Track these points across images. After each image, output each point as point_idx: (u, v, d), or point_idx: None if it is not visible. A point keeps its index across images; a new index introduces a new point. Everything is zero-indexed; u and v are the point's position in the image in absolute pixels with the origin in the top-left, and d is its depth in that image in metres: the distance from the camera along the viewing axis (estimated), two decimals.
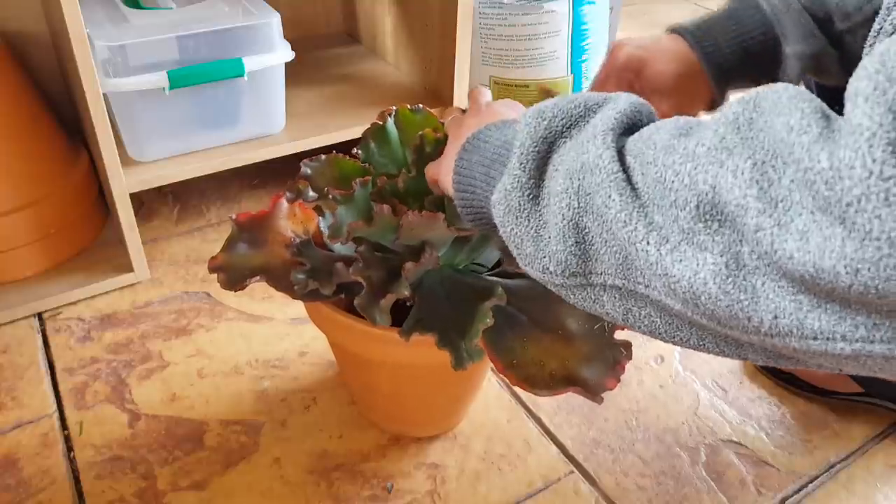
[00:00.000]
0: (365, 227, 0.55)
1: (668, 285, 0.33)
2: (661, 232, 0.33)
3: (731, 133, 0.31)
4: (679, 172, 0.33)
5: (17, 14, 1.06)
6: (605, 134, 0.37)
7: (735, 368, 0.94)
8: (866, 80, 0.27)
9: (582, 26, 1.36)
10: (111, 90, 0.90)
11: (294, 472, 0.78)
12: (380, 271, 0.59)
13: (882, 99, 0.26)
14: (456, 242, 0.62)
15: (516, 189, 0.40)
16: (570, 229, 0.37)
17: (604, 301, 0.39)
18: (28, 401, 0.84)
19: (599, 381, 0.58)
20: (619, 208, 0.35)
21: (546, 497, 0.77)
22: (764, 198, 0.29)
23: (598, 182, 0.36)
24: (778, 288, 0.30)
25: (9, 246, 0.95)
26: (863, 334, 0.28)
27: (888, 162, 0.25)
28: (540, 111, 0.41)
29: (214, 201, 1.21)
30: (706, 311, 0.32)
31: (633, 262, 0.35)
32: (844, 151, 0.26)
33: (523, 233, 0.40)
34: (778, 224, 0.29)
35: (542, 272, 0.40)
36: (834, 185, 0.27)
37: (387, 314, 0.58)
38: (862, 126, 0.26)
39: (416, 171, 0.62)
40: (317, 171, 0.63)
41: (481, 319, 0.57)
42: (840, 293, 0.28)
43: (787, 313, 0.29)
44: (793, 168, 0.29)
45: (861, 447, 0.84)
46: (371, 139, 0.67)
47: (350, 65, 1.31)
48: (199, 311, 0.98)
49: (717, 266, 0.31)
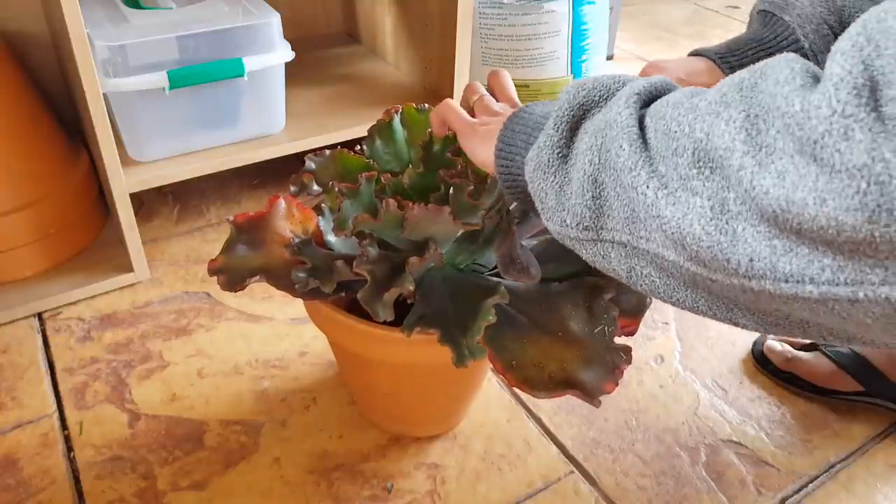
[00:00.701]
0: (371, 221, 0.55)
1: (660, 228, 0.36)
2: (661, 179, 0.36)
3: (733, 91, 0.34)
4: (681, 123, 0.36)
5: (17, 14, 1.06)
6: (629, 97, 0.40)
7: (735, 368, 0.94)
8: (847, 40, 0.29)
9: (582, 26, 1.36)
10: (111, 90, 0.90)
11: (294, 472, 0.78)
12: (383, 266, 0.59)
13: (858, 54, 0.28)
14: (460, 240, 0.62)
15: (548, 147, 0.43)
16: (589, 184, 0.40)
17: (611, 258, 0.41)
18: (28, 401, 0.84)
19: (598, 385, 0.58)
20: (627, 156, 0.38)
21: (546, 497, 0.77)
22: (750, 142, 0.32)
23: (613, 136, 0.39)
24: (756, 233, 0.32)
25: (9, 246, 0.95)
26: (828, 276, 0.30)
27: (850, 102, 0.28)
28: (581, 83, 0.45)
29: (214, 201, 1.21)
30: (691, 253, 0.35)
31: (637, 212, 0.37)
32: (815, 95, 0.29)
33: (548, 187, 0.43)
34: (759, 164, 0.31)
35: (560, 225, 0.43)
36: (804, 125, 0.29)
37: (390, 308, 0.58)
38: (833, 74, 0.29)
39: (424, 168, 0.62)
40: (321, 166, 0.63)
41: (483, 317, 0.57)
42: (806, 228, 0.30)
43: (761, 257, 0.32)
44: (776, 116, 0.31)
45: (861, 447, 0.84)
46: (377, 136, 0.67)
47: (350, 65, 1.31)
48: (199, 311, 0.98)
49: (703, 209, 0.34)
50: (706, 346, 0.97)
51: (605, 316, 0.61)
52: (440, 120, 0.58)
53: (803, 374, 0.89)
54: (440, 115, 0.58)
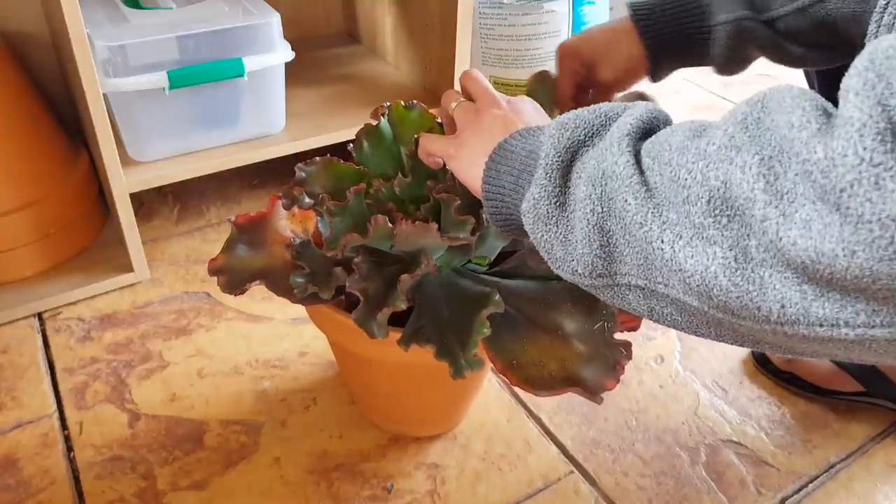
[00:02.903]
0: (360, 239, 0.55)
1: (683, 281, 0.35)
2: (674, 229, 0.35)
3: (740, 132, 0.33)
4: (692, 171, 0.34)
5: (17, 14, 1.06)
6: (622, 140, 0.39)
7: (735, 368, 0.94)
8: (856, 77, 0.29)
9: (582, 26, 1.36)
10: (111, 90, 0.90)
11: (294, 472, 0.78)
12: (377, 282, 0.59)
13: (871, 93, 0.28)
14: (452, 248, 0.62)
15: (544, 198, 0.42)
16: (595, 233, 0.39)
17: (629, 300, 0.41)
18: (28, 401, 0.84)
19: (599, 382, 0.58)
20: (636, 210, 0.37)
21: (546, 497, 0.77)
22: (770, 190, 0.31)
23: (615, 187, 0.38)
24: (784, 279, 0.31)
25: (9, 246, 0.95)
26: (864, 320, 0.30)
27: (877, 150, 0.27)
28: (562, 123, 0.43)
29: (214, 201, 1.21)
30: (719, 303, 0.34)
31: (652, 262, 0.37)
32: (837, 142, 0.28)
33: (552, 238, 0.42)
34: (783, 214, 0.30)
35: (572, 274, 0.42)
36: (829, 174, 0.28)
37: (384, 327, 0.57)
38: (853, 118, 0.28)
39: (412, 176, 0.62)
40: (311, 176, 0.63)
41: (479, 330, 0.57)
42: (839, 278, 0.29)
43: (793, 302, 0.31)
44: (795, 162, 0.30)
45: (861, 447, 0.84)
46: (364, 140, 0.66)
47: (350, 65, 1.31)
48: (199, 311, 0.98)
49: (727, 259, 0.33)
50: (706, 346, 0.97)
51: (605, 312, 0.61)
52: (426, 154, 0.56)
53: (804, 374, 0.89)
54: (423, 150, 0.56)
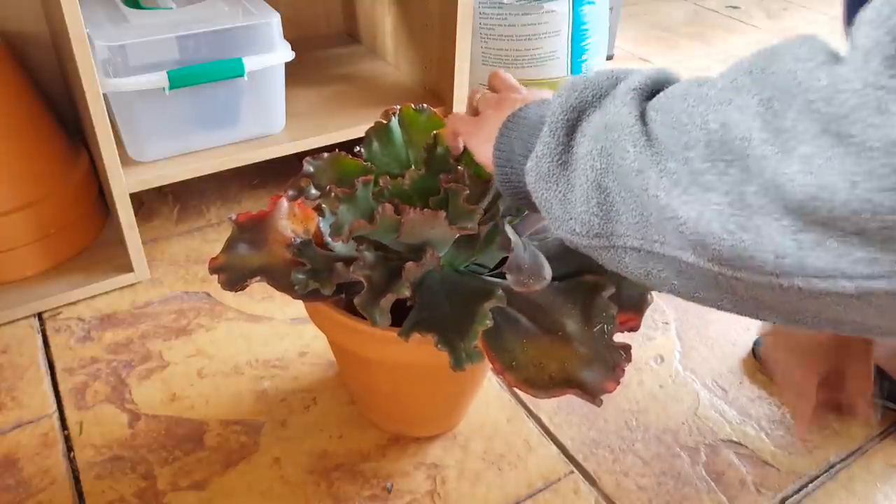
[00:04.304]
0: (367, 226, 0.55)
1: (677, 230, 0.34)
2: (672, 177, 0.34)
3: (743, 75, 0.33)
4: (692, 115, 0.34)
5: (17, 14, 1.06)
6: (627, 93, 0.39)
7: (735, 368, 0.94)
8: (871, 10, 0.28)
9: (582, 26, 1.36)
10: (111, 90, 0.90)
11: (294, 472, 0.78)
12: (381, 271, 0.59)
13: (883, 24, 0.27)
14: (458, 243, 0.62)
15: (546, 155, 0.42)
16: (594, 190, 0.39)
17: (627, 263, 0.40)
18: (28, 401, 0.84)
19: (599, 384, 0.58)
20: (633, 159, 0.36)
21: (546, 497, 0.77)
22: (768, 128, 0.30)
23: (615, 138, 0.37)
24: (780, 227, 0.30)
25: (9, 246, 0.95)
26: (863, 270, 0.29)
27: (882, 73, 0.26)
28: (573, 83, 0.43)
29: (214, 201, 1.21)
30: (713, 253, 0.33)
31: (648, 216, 0.36)
32: (842, 68, 0.28)
33: (552, 196, 0.42)
34: (782, 150, 0.29)
35: (570, 233, 0.42)
36: (832, 100, 0.28)
37: (387, 314, 0.58)
38: (861, 45, 0.27)
39: (426, 170, 0.62)
40: (319, 170, 0.63)
41: (480, 321, 0.57)
42: (838, 216, 0.28)
43: (788, 252, 0.30)
44: (799, 98, 0.29)
45: (861, 447, 0.84)
46: (374, 138, 0.67)
47: (350, 65, 1.31)
48: (199, 311, 0.98)
49: (721, 206, 0.32)
50: (706, 346, 0.97)
51: (604, 314, 0.61)
52: (452, 133, 0.58)
53: None
54: (449, 127, 0.57)
